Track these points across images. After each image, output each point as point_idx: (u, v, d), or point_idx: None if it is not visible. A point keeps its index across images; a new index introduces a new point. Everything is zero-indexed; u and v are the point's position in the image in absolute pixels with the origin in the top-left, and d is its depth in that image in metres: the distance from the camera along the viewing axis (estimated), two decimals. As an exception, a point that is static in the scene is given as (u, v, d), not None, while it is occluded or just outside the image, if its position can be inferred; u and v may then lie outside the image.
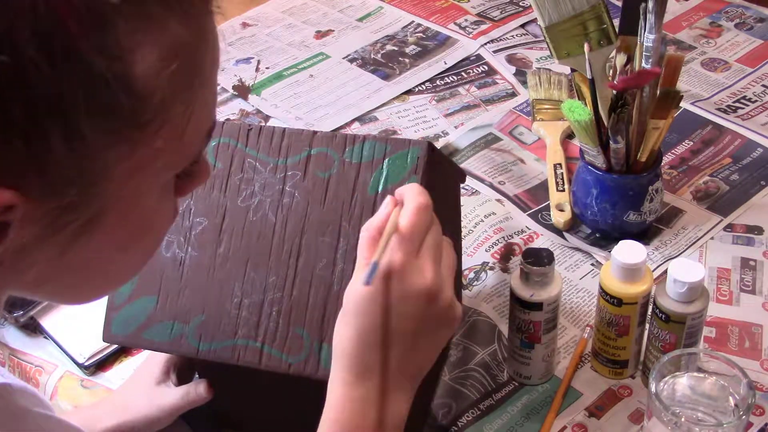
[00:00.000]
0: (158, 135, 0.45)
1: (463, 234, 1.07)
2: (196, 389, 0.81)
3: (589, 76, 0.96)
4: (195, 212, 0.76)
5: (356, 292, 0.62)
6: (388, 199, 0.65)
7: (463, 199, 1.09)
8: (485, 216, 1.11)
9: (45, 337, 0.99)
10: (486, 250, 1.06)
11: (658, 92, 0.99)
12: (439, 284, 0.62)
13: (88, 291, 0.55)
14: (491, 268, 1.03)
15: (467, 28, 1.49)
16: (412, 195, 0.63)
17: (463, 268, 1.03)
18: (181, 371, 0.84)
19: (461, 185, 0.93)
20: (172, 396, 0.82)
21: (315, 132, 0.75)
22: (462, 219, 1.07)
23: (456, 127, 1.27)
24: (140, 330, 0.76)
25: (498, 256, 1.05)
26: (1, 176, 0.42)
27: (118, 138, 0.44)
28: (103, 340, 0.78)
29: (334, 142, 0.74)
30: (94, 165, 0.44)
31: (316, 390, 0.74)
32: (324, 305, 0.72)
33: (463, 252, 1.03)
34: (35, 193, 0.43)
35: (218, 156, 0.77)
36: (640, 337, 0.88)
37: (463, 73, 1.39)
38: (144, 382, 0.83)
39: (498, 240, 1.07)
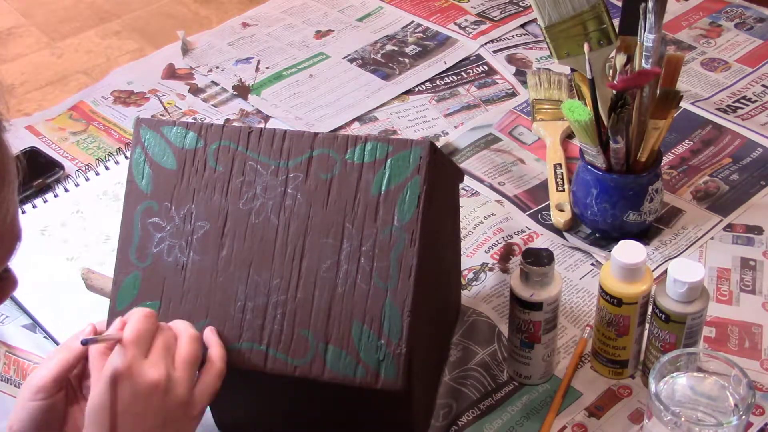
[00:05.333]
0: None
1: (462, 235, 1.07)
2: None
3: (589, 76, 0.96)
4: (196, 216, 0.76)
5: (89, 404, 0.66)
6: (118, 321, 0.70)
7: (462, 200, 1.09)
8: (485, 217, 1.11)
9: (45, 337, 0.99)
10: (486, 251, 1.06)
11: (658, 92, 0.99)
12: (169, 379, 0.67)
13: None
14: (491, 269, 1.04)
15: (467, 28, 1.49)
16: (136, 309, 0.70)
17: (463, 268, 1.03)
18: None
19: (460, 185, 0.94)
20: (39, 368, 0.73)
21: (316, 134, 0.75)
22: (462, 220, 1.07)
23: (456, 127, 1.28)
24: None
25: (498, 257, 1.05)
26: None
27: None
28: None
29: (336, 143, 0.74)
30: None
31: (320, 392, 0.75)
32: (329, 307, 0.72)
33: (462, 253, 1.03)
34: None
35: (219, 159, 0.76)
36: (640, 337, 0.88)
37: (463, 73, 1.39)
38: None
39: (498, 241, 1.07)
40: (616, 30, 0.97)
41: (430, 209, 0.73)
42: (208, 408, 0.85)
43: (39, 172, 1.21)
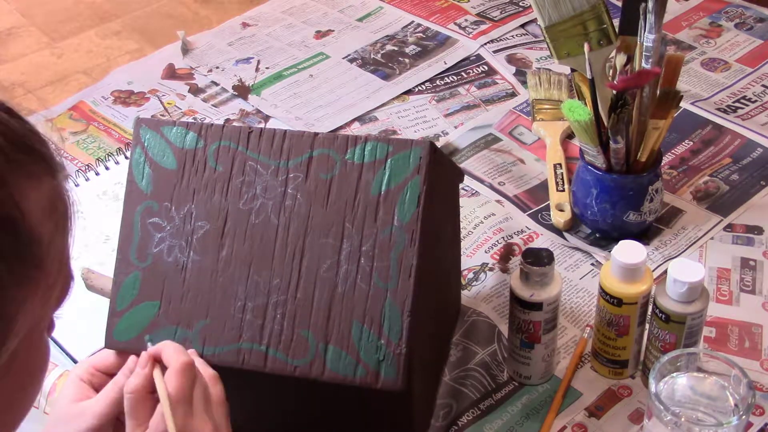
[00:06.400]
0: (51, 270, 0.50)
1: (462, 235, 1.07)
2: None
3: (589, 76, 0.96)
4: (196, 216, 0.76)
5: None
6: (145, 356, 0.69)
7: (462, 201, 1.09)
8: (485, 217, 1.11)
9: (45, 337, 0.99)
10: (485, 251, 1.06)
11: (658, 92, 0.99)
12: (217, 429, 0.68)
13: None
14: (491, 269, 1.04)
15: (467, 28, 1.49)
16: (174, 356, 0.68)
17: (463, 268, 1.03)
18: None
19: (460, 185, 0.94)
20: (94, 404, 0.72)
21: (316, 134, 0.75)
22: (462, 220, 1.07)
23: (456, 127, 1.28)
24: (143, 335, 0.76)
25: (498, 257, 1.05)
26: None
27: (21, 278, 0.48)
28: (105, 347, 0.77)
29: (336, 143, 0.74)
30: (8, 308, 0.48)
31: (320, 393, 0.74)
32: (329, 307, 0.72)
33: (462, 253, 1.03)
34: None
35: (219, 159, 0.76)
36: (640, 337, 0.88)
37: (463, 73, 1.39)
38: (61, 407, 0.74)
39: (498, 241, 1.07)
40: (616, 30, 0.97)
41: (430, 209, 0.73)
42: None
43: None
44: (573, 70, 1.03)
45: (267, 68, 1.43)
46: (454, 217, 0.91)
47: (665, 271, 0.84)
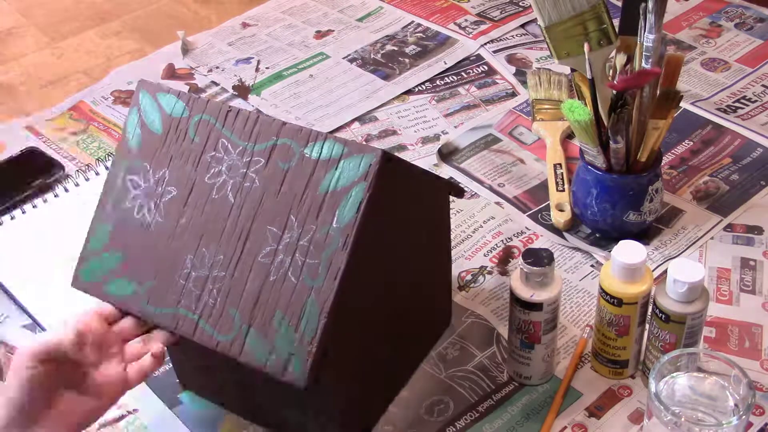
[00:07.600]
0: None
1: (461, 238, 1.07)
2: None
3: (589, 76, 0.96)
4: (168, 181, 0.79)
5: None
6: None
7: (462, 203, 1.09)
8: (484, 221, 1.11)
9: (45, 337, 0.99)
10: (485, 255, 1.06)
11: (658, 92, 0.99)
12: None
13: None
14: (489, 272, 1.03)
15: (467, 28, 1.49)
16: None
17: (461, 270, 1.02)
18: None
19: (460, 197, 0.92)
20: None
21: (284, 122, 0.76)
22: (461, 224, 1.07)
23: (456, 127, 1.28)
24: (103, 282, 0.80)
25: (497, 260, 1.05)
26: None
27: None
28: (72, 286, 0.81)
29: (299, 135, 0.75)
30: None
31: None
32: (259, 292, 0.73)
33: (461, 255, 1.03)
34: None
35: (198, 131, 0.79)
36: (640, 337, 0.88)
37: (463, 73, 1.39)
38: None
39: (497, 244, 1.07)
40: (616, 30, 0.97)
41: (375, 217, 0.71)
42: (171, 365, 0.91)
43: (39, 172, 1.21)
44: (573, 70, 1.03)
45: (267, 68, 1.43)
46: (434, 229, 0.89)
47: (665, 271, 0.84)
